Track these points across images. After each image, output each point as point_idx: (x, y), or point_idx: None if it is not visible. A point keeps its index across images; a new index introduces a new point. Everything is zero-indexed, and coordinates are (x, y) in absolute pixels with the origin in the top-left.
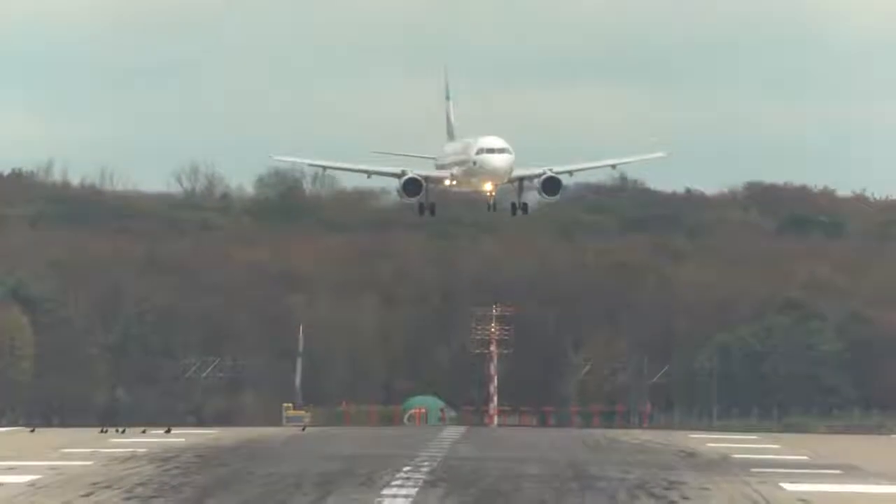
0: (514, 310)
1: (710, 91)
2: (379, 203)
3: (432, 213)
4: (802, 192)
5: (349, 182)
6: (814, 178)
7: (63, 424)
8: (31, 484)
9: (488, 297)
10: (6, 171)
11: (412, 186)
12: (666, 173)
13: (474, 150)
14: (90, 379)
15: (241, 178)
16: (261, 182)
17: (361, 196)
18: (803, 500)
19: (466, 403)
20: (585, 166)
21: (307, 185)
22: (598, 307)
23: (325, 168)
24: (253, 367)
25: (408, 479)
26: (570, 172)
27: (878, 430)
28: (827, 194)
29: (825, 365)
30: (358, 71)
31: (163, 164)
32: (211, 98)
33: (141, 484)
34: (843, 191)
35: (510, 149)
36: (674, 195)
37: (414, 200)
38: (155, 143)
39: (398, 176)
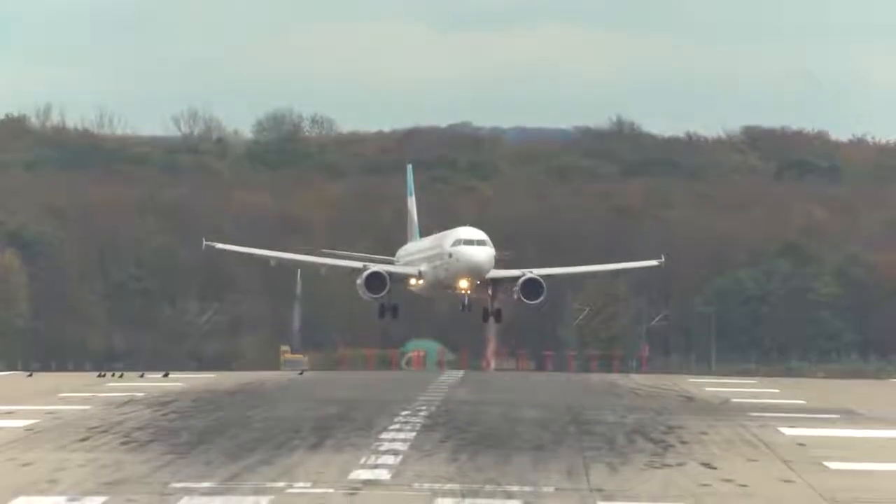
0: (512, 253)
1: (709, 35)
2: (377, 146)
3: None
4: (799, 137)
5: (347, 126)
6: (812, 122)
7: (60, 369)
8: (29, 428)
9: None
10: (3, 115)
11: (376, 282)
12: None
13: (450, 242)
14: (88, 323)
15: (240, 122)
16: (259, 126)
17: (360, 139)
18: (802, 445)
19: (464, 347)
20: (566, 271)
21: (306, 129)
22: (597, 251)
23: (273, 259)
24: (251, 311)
25: (406, 423)
26: (547, 277)
27: (877, 374)
28: (822, 137)
29: (823, 309)
30: (358, 14)
31: (161, 107)
32: (210, 42)
33: (138, 428)
34: (841, 135)
35: (490, 242)
36: (672, 139)
37: (377, 298)
38: (153, 87)
39: (360, 270)
